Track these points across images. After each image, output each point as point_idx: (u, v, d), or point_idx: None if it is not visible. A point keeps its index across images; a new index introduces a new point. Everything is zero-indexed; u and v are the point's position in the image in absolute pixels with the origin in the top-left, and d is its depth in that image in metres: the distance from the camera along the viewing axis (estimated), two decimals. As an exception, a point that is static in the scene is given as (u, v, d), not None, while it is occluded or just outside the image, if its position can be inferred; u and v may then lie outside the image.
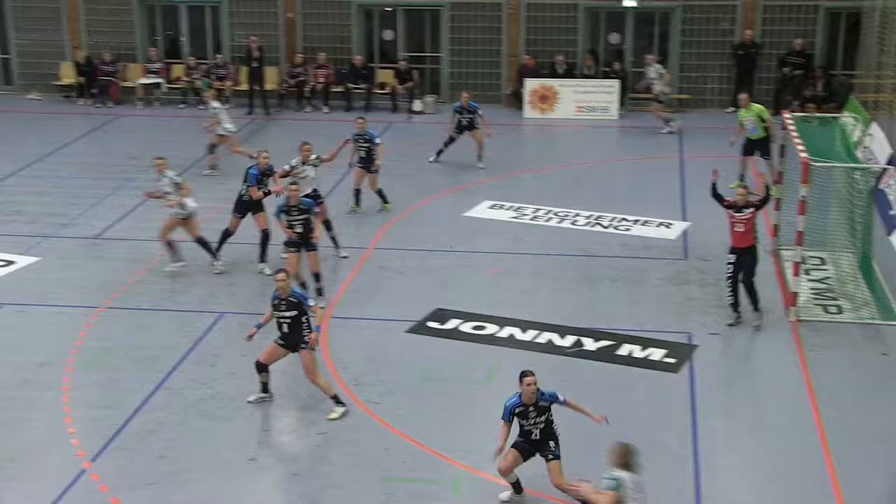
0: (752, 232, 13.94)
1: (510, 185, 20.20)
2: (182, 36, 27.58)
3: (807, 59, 24.84)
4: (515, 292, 15.26)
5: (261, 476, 10.95)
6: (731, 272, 14.03)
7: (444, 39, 26.52)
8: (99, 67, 26.61)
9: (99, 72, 26.57)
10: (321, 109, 25.89)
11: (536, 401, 10.22)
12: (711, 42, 25.60)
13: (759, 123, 18.99)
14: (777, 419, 11.97)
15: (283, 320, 11.72)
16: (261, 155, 15.86)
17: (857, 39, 24.87)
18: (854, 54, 24.94)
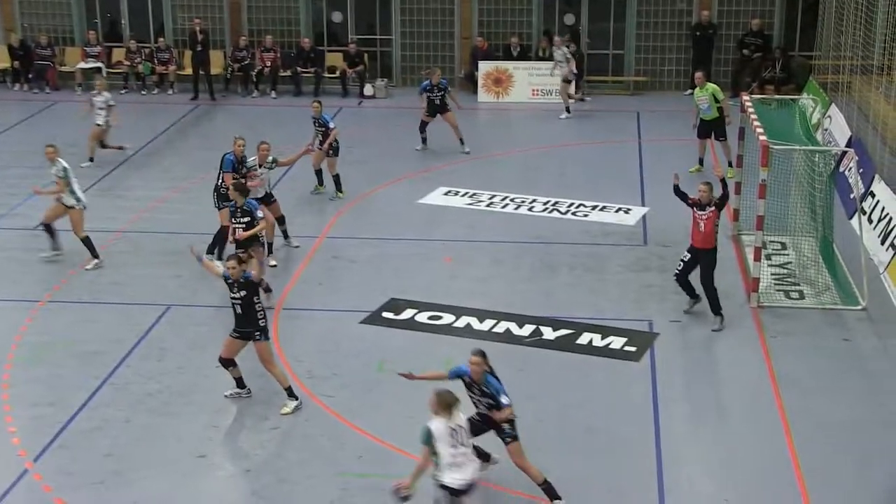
0: (713, 234, 13.75)
1: (465, 170, 20.21)
2: (122, 18, 27.24)
3: (765, 40, 25.09)
4: (472, 281, 15.29)
5: (212, 473, 10.89)
6: (680, 269, 13.94)
7: (395, 21, 26.44)
8: (35, 51, 26.24)
9: (35, 56, 26.21)
10: (269, 94, 25.72)
11: (482, 383, 10.20)
12: (668, 23, 25.78)
13: (713, 103, 19.10)
14: (739, 407, 12.11)
15: (235, 301, 11.70)
16: (237, 142, 15.62)
17: (815, 20, 25.13)
18: (813, 35, 25.20)
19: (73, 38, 27.05)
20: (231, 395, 12.12)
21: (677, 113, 23.97)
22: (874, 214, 16.39)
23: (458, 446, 9.17)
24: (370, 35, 26.86)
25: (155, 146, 21.84)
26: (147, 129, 22.73)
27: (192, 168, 20.17)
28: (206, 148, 21.35)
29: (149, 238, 16.73)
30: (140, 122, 23.22)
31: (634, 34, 25.95)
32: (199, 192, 18.71)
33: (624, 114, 24.18)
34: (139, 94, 26.00)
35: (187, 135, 22.85)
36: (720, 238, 14.56)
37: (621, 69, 26.32)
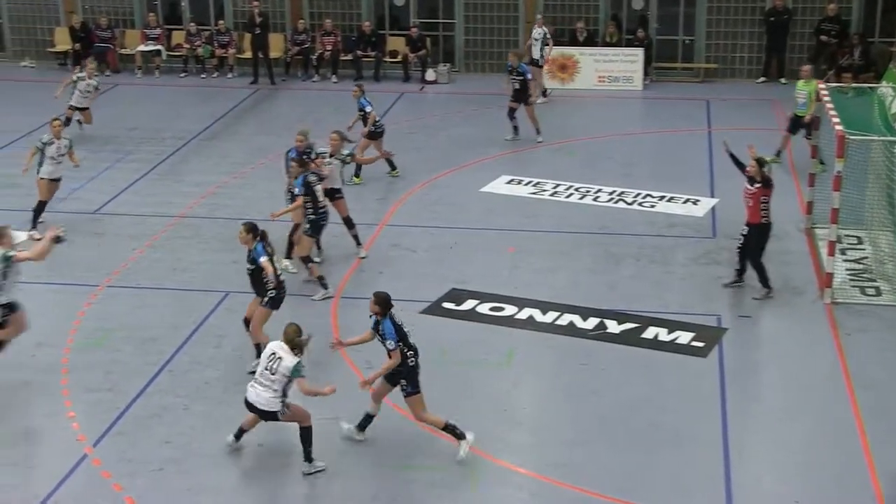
0: (758, 209, 14.17)
1: (528, 159, 20.18)
2: (182, 1, 27.55)
3: (842, 26, 24.70)
4: (534, 271, 15.28)
5: (269, 462, 11.00)
6: (741, 243, 14.47)
7: (458, 5, 26.43)
8: (95, 33, 26.62)
9: (95, 38, 26.59)
10: (329, 79, 25.87)
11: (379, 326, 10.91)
12: (741, 8, 25.48)
13: (810, 100, 18.73)
14: (811, 405, 11.98)
15: (247, 269, 12.53)
16: (297, 137, 15.77)
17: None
18: (893, 20, 24.80)
19: (134, 20, 27.41)
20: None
21: (749, 101, 23.77)
22: (955, 209, 16.10)
23: (265, 371, 10.52)
24: (432, 19, 26.88)
25: (213, 131, 22.08)
26: (206, 114, 22.99)
27: (250, 153, 20.37)
28: (264, 133, 21.57)
29: (207, 223, 16.93)
30: (199, 107, 23.50)
31: (705, 20, 25.70)
32: (257, 177, 18.93)
33: (693, 102, 23.97)
34: (198, 77, 26.29)
35: (246, 119, 23.06)
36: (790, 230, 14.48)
37: (691, 56, 26.08)
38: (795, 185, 18.09)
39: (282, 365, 10.48)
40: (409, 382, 10.96)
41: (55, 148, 16.65)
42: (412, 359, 10.98)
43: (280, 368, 10.48)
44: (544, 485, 10.58)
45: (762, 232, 14.27)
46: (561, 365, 12.93)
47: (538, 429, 11.67)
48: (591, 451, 11.07)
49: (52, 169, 16.67)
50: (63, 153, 16.76)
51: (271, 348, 10.63)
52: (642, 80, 25.06)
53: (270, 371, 10.51)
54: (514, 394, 12.32)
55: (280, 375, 10.48)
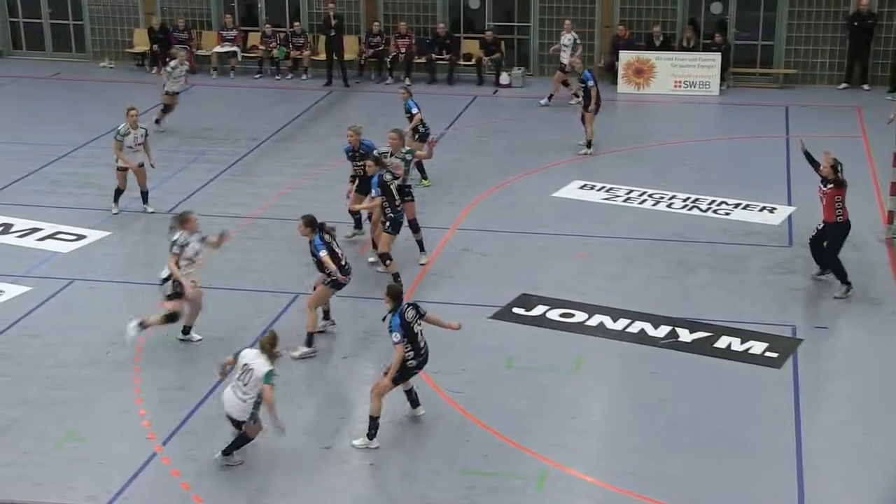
0: (832, 208, 14.35)
1: (602, 164, 20.09)
2: (258, 2, 27.88)
3: (928, 31, 24.24)
4: (605, 278, 15.21)
5: (336, 466, 11.07)
6: (812, 235, 14.77)
7: (534, 8, 26.41)
8: (173, 35, 27.04)
9: (173, 39, 27.00)
10: (402, 81, 25.99)
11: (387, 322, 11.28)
12: (823, 12, 25.10)
13: None
14: (888, 418, 11.76)
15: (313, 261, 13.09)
16: (348, 134, 16.01)
17: None
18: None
19: (210, 22, 27.80)
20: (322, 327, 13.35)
21: (829, 108, 23.41)
22: None
23: (238, 382, 10.66)
24: (507, 22, 26.89)
25: (288, 132, 22.31)
26: (280, 115, 23.23)
27: (324, 155, 20.53)
28: (338, 135, 21.59)
29: (279, 225, 17.08)
30: (273, 108, 23.76)
31: (786, 24, 25.37)
32: (330, 179, 19.07)
33: (772, 108, 23.68)
34: (273, 78, 26.59)
35: (320, 121, 23.27)
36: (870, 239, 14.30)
37: (770, 61, 25.76)
38: (876, 193, 17.78)
39: (254, 376, 10.55)
40: (402, 372, 11.21)
41: (132, 138, 17.29)
42: (411, 360, 11.15)
43: (252, 379, 10.56)
44: (612, 494, 10.52)
45: (838, 230, 14.32)
46: (631, 373, 12.86)
47: (606, 437, 11.62)
48: (659, 461, 10.99)
49: (130, 157, 17.34)
50: (140, 142, 17.38)
51: (244, 358, 10.72)
52: (719, 86, 24.81)
53: (244, 382, 10.61)
54: (583, 401, 12.28)
55: (252, 385, 10.56)
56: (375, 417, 11.21)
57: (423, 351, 11.33)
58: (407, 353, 11.16)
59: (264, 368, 10.54)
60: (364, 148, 15.86)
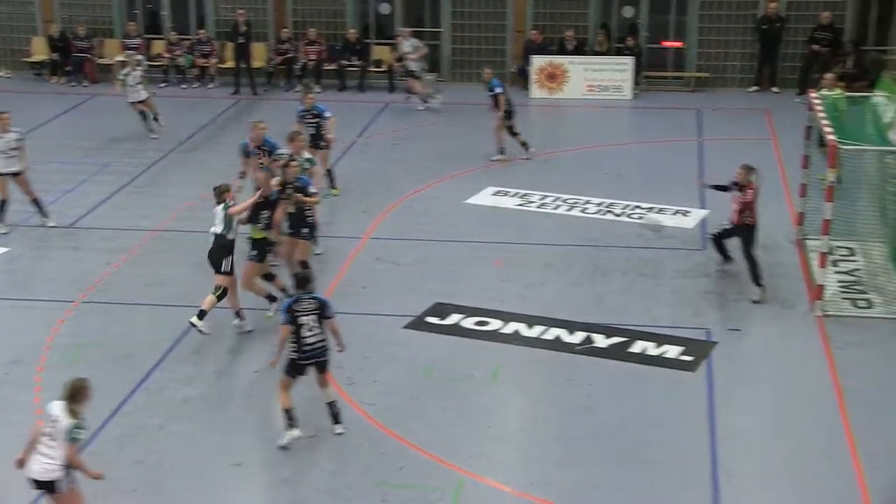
0: (743, 213, 14.80)
1: (515, 170, 20.19)
2: (163, 10, 27.55)
3: (835, 34, 24.78)
4: (521, 285, 15.27)
5: (248, 483, 10.98)
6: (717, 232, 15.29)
7: (445, 13, 26.49)
8: (73, 43, 26.59)
9: (73, 48, 26.56)
10: (313, 89, 25.82)
11: None
12: (733, 16, 25.55)
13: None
14: (802, 422, 11.98)
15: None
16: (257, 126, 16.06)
17: (890, 12, 24.82)
18: (887, 28, 24.90)
19: (113, 30, 27.39)
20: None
21: (741, 111, 23.82)
22: (949, 219, 16.13)
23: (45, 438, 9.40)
24: (419, 27, 26.89)
25: (195, 142, 22.07)
26: (187, 124, 22.96)
27: (232, 165, 20.16)
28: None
29: (187, 237, 16.87)
30: (180, 117, 23.46)
31: (697, 27, 25.78)
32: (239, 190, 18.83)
33: (684, 111, 24.03)
34: (179, 87, 26.28)
35: (228, 130, 23.04)
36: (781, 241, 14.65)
37: (682, 64, 26.16)
38: (786, 195, 18.12)
39: (59, 428, 9.40)
40: (287, 364, 11.40)
41: (4, 143, 16.79)
42: (293, 352, 11.29)
43: (58, 433, 9.39)
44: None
45: (747, 231, 14.74)
46: (547, 380, 12.92)
47: (524, 446, 11.66)
48: (577, 470, 11.05)
49: (4, 163, 16.82)
50: (13, 146, 16.83)
51: (53, 410, 9.45)
52: (632, 90, 25.12)
53: (51, 437, 9.40)
54: (500, 410, 12.31)
55: (59, 440, 9.38)
56: (287, 409, 11.31)
57: (307, 348, 11.31)
58: (291, 342, 11.28)
59: (68, 423, 9.35)
60: (267, 145, 15.89)
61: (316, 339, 11.36)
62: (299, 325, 11.27)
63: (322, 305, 11.40)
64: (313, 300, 11.39)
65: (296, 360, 11.37)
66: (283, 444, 11.30)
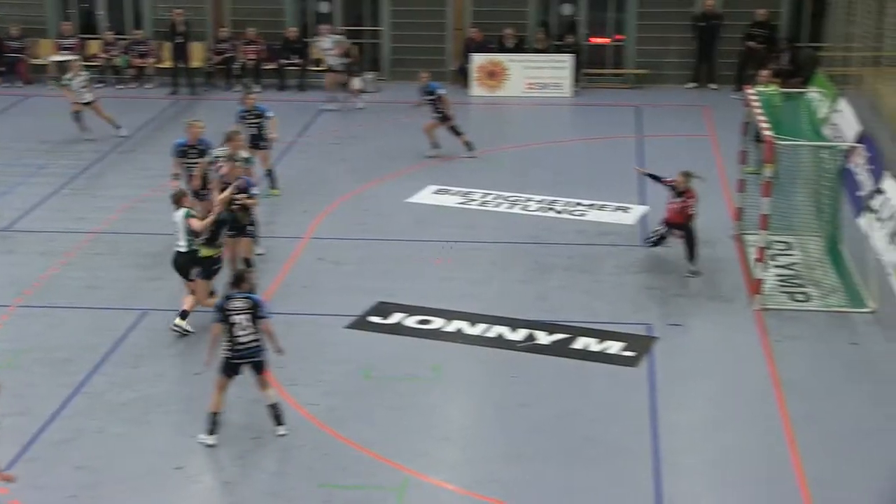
0: (683, 214, 15.25)
1: (456, 168, 20.22)
2: (98, 9, 27.23)
3: (771, 31, 25.11)
4: (463, 283, 15.30)
5: (189, 486, 10.89)
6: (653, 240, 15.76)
7: (385, 12, 26.46)
8: (5, 43, 26.21)
9: (6, 48, 26.17)
10: (252, 89, 25.68)
11: None
12: (670, 13, 25.77)
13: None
14: (742, 414, 12.12)
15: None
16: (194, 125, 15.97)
17: (823, 10, 25.19)
18: (821, 25, 25.27)
19: (47, 30, 27.02)
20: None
21: (679, 108, 24.05)
22: (883, 213, 16.43)
23: None
24: (358, 26, 26.86)
25: (132, 143, 21.84)
26: (125, 125, 22.68)
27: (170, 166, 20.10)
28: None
29: (126, 239, 16.73)
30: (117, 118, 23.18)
31: (635, 25, 25.98)
32: (178, 190, 18.69)
33: (623, 108, 24.21)
34: (115, 88, 25.99)
35: (166, 131, 22.80)
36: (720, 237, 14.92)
37: (621, 62, 26.35)
38: (725, 190, 18.32)
39: None
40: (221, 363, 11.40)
41: None
42: (226, 350, 11.29)
43: None
44: (476, 502, 10.58)
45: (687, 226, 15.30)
46: (490, 378, 12.96)
47: (468, 444, 11.68)
48: (521, 467, 11.09)
49: None
50: None
51: None
52: (572, 87, 25.26)
53: None
54: (443, 409, 12.33)
55: None
56: (213, 413, 11.30)
57: (240, 347, 11.28)
58: (225, 342, 11.27)
59: None
60: (202, 144, 15.83)
61: (249, 339, 11.30)
62: (232, 323, 11.23)
63: (255, 305, 11.35)
64: (247, 299, 11.35)
65: (229, 359, 11.33)
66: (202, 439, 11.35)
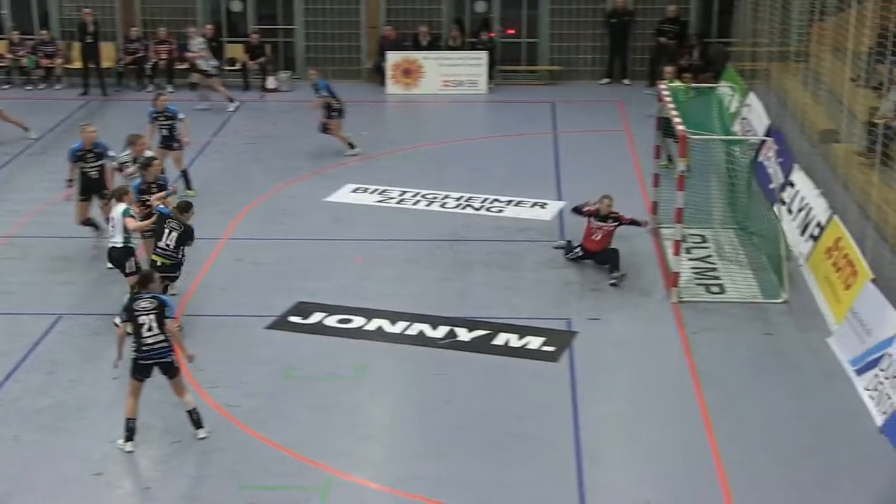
0: (608, 239, 15.36)
1: (374, 166, 20.19)
2: (2, 8, 26.66)
3: (681, 27, 25.49)
4: (383, 282, 15.29)
5: (109, 493, 10.73)
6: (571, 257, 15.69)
7: (298, 10, 26.31)
8: None
9: None
10: (165, 90, 25.37)
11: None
12: (583, 10, 26.02)
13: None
14: (661, 406, 12.29)
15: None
16: (85, 129, 15.79)
17: (731, 6, 25.63)
18: (729, 21, 25.70)
19: (-50, 30, 26.44)
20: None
21: (594, 103, 24.30)
22: (794, 205, 16.77)
23: None
24: (272, 25, 26.68)
25: (42, 145, 21.44)
26: (34, 127, 22.26)
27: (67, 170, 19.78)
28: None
29: (37, 243, 16.43)
30: (26, 120, 22.74)
31: (548, 21, 26.18)
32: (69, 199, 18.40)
33: (538, 105, 24.38)
34: (23, 89, 25.50)
35: (77, 133, 22.33)
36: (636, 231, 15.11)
37: (535, 58, 26.53)
38: (640, 185, 18.56)
39: None
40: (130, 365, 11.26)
41: None
42: (133, 351, 11.19)
43: None
44: (401, 499, 10.59)
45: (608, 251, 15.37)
46: (413, 376, 12.97)
47: (392, 442, 11.69)
48: (445, 464, 11.13)
49: None
50: None
51: None
52: (487, 84, 25.38)
53: None
54: (366, 407, 12.31)
55: None
56: (128, 418, 11.18)
57: (146, 348, 11.17)
58: (133, 343, 11.16)
59: None
60: (99, 147, 15.68)
61: (155, 340, 11.20)
62: (139, 324, 11.13)
63: (162, 305, 11.26)
64: (153, 300, 11.25)
65: (137, 360, 11.21)
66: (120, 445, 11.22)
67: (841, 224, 14.92)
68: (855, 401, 12.20)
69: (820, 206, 15.79)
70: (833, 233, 14.99)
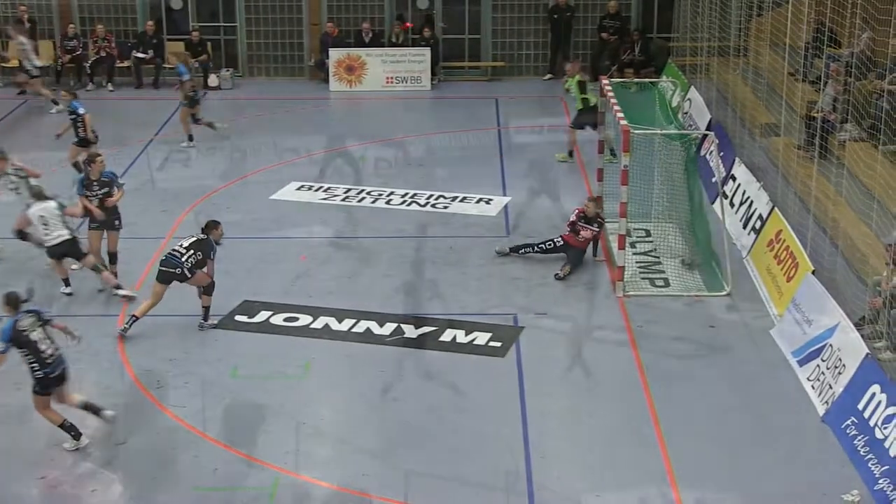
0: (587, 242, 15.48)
1: (318, 164, 20.14)
2: (-64, 6, 26.28)
3: (623, 23, 25.69)
4: (329, 279, 15.27)
5: (54, 497, 10.62)
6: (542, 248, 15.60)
7: (239, 7, 26.16)
8: None
9: None
10: (105, 87, 25.15)
11: None
12: (525, 6, 26.13)
13: (577, 94, 19.59)
14: (608, 399, 12.40)
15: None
16: None
17: (671, 2, 25.86)
18: (670, 16, 25.93)
19: None
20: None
21: (537, 99, 24.41)
22: (735, 198, 16.98)
23: None
24: (213, 22, 26.50)
25: (-20, 145, 21.10)
26: (-30, 127, 22.00)
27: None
28: (38, 147, 20.71)
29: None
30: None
31: (490, 18, 26.26)
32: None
33: (482, 101, 24.45)
34: (-39, 88, 25.16)
35: (15, 133, 22.15)
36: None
37: (478, 54, 26.60)
38: (584, 179, 18.68)
39: None
40: (37, 384, 11.10)
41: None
42: (38, 370, 11.04)
43: None
44: (350, 497, 10.58)
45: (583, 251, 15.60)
46: (359, 373, 12.97)
47: (339, 440, 11.66)
48: (393, 461, 11.14)
49: None
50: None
51: None
52: (430, 80, 25.40)
53: None
54: (313, 406, 12.29)
55: None
56: (61, 424, 11.13)
57: (50, 360, 11.07)
58: (31, 363, 11.00)
59: None
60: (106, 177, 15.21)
61: (54, 349, 11.15)
62: (32, 342, 10.98)
63: (39, 314, 11.21)
64: (30, 313, 11.15)
65: (44, 377, 11.07)
66: (67, 447, 11.16)
67: (782, 217, 15.13)
68: (797, 391, 12.39)
69: (761, 200, 16.00)
70: (774, 225, 15.20)
